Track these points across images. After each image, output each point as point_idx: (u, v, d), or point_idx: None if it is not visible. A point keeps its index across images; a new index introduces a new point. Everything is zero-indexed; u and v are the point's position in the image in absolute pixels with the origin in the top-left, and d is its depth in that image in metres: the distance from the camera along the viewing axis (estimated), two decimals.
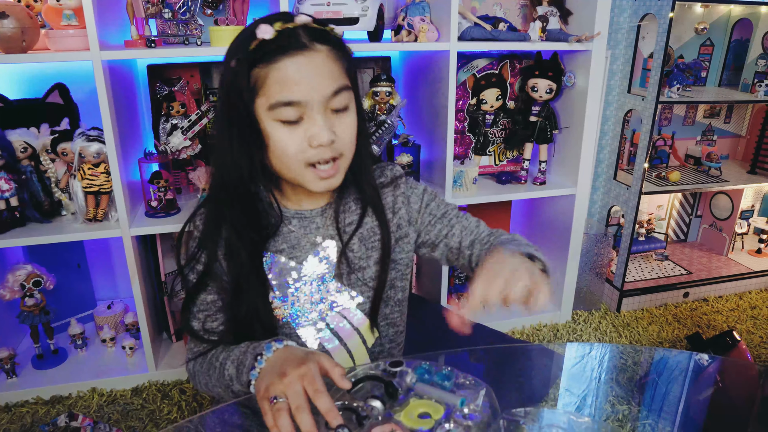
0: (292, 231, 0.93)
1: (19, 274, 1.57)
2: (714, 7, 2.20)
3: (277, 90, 0.78)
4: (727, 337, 1.67)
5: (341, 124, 0.83)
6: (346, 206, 0.95)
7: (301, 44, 0.78)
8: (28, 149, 1.53)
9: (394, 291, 1.01)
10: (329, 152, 0.82)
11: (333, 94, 0.80)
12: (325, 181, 0.84)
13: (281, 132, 0.81)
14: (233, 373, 0.82)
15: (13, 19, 1.31)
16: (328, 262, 0.94)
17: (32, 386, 1.62)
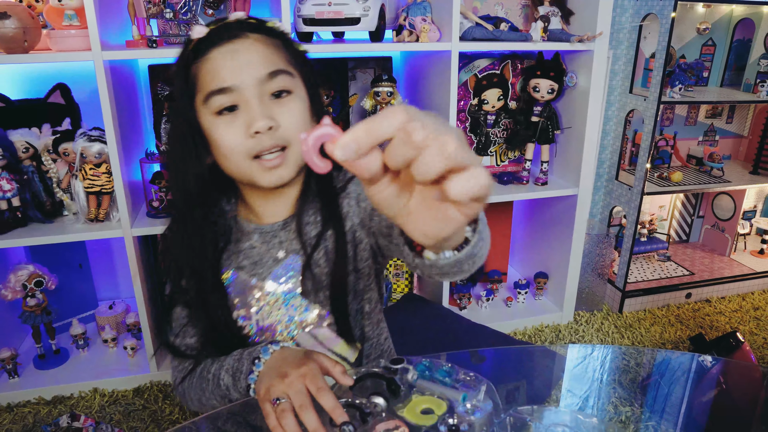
0: (254, 247, 0.88)
1: (21, 274, 1.57)
2: (716, 7, 2.20)
3: (209, 80, 0.76)
4: (730, 339, 1.66)
5: (283, 110, 0.78)
6: (310, 218, 0.87)
7: (231, 34, 0.77)
8: (30, 149, 1.53)
9: (363, 302, 0.93)
10: (270, 140, 0.77)
11: (267, 77, 0.77)
12: (273, 172, 0.79)
13: (220, 126, 0.77)
14: (229, 382, 0.80)
15: (15, 19, 1.31)
16: (293, 279, 0.88)
17: (34, 386, 1.62)
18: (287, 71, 0.79)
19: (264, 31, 0.80)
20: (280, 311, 0.88)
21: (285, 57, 0.80)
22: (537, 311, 2.05)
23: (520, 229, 2.25)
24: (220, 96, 0.76)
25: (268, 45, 0.79)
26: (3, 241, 1.47)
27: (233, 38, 0.77)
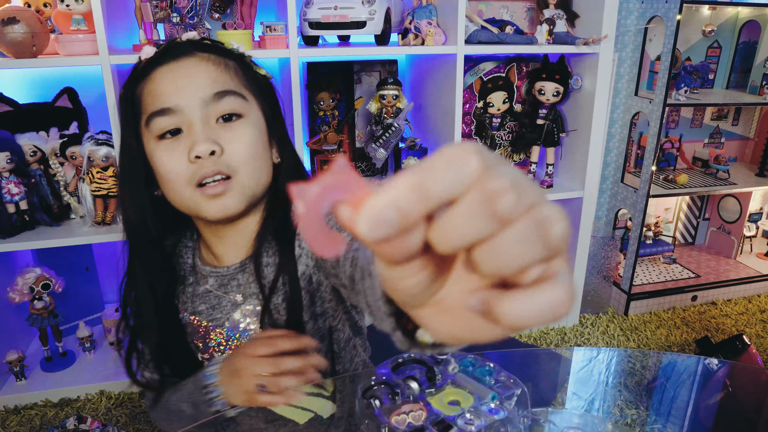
0: (210, 291, 0.82)
1: (28, 277, 1.58)
2: (721, 9, 2.19)
3: (150, 101, 0.71)
4: (736, 341, 1.66)
5: (229, 135, 0.71)
6: (270, 258, 0.79)
7: (177, 53, 0.72)
8: (38, 153, 1.54)
9: (336, 334, 0.86)
10: (212, 165, 0.70)
11: (214, 97, 0.71)
12: (216, 202, 0.72)
13: (162, 150, 0.71)
14: (193, 411, 0.78)
15: (24, 24, 1.32)
16: (252, 324, 0.81)
17: (41, 389, 1.62)
18: (238, 93, 0.73)
19: (216, 51, 0.75)
20: None
21: (238, 78, 0.75)
22: None
23: None
24: (162, 118, 0.70)
25: (218, 64, 0.73)
26: (11, 244, 1.48)
27: (179, 56, 0.72)
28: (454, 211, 0.22)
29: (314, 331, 0.82)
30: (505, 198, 0.22)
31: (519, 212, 0.22)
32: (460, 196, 0.22)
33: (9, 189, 1.48)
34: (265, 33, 1.49)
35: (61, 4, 1.40)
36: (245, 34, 1.48)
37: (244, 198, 0.74)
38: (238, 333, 0.82)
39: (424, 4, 1.66)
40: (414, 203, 0.22)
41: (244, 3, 1.55)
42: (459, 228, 0.22)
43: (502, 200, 0.22)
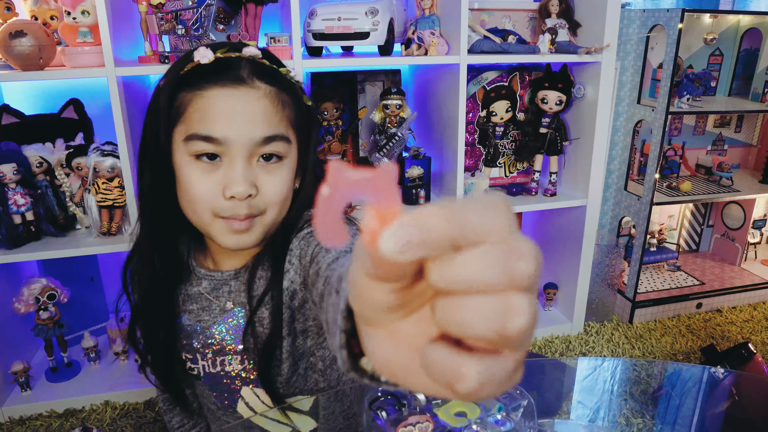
0: (201, 293, 0.82)
1: (33, 287, 1.59)
2: (723, 18, 2.20)
3: (198, 119, 0.68)
4: (742, 350, 1.65)
5: (268, 178, 0.71)
6: (263, 272, 0.78)
7: (237, 77, 0.69)
8: (44, 164, 1.55)
9: (314, 359, 0.84)
10: (244, 208, 0.70)
11: (262, 141, 0.69)
12: (237, 236, 0.72)
13: (194, 170, 0.69)
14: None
15: (31, 37, 1.33)
16: (236, 334, 0.80)
17: (46, 399, 1.63)
18: (286, 137, 0.72)
19: (276, 83, 0.72)
20: (224, 362, 0.82)
21: (288, 117, 0.73)
22: (547, 322, 2.04)
23: None
24: (205, 144, 0.68)
25: (274, 102, 0.70)
26: (17, 255, 1.48)
27: (239, 83, 0.69)
28: (474, 252, 0.22)
29: (292, 348, 0.80)
30: (527, 263, 0.22)
31: (532, 281, 0.22)
32: (486, 242, 0.22)
33: (15, 200, 1.49)
34: (269, 44, 1.50)
35: (67, 17, 1.41)
36: None
37: (263, 234, 0.74)
38: (217, 341, 0.81)
39: (427, 15, 1.67)
40: (444, 235, 0.22)
41: (248, 15, 1.56)
42: (471, 270, 0.22)
43: (524, 264, 0.22)
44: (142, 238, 0.79)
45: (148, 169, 0.74)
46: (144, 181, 0.75)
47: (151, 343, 0.83)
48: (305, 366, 0.83)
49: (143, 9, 1.47)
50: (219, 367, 0.82)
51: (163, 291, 0.81)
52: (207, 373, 0.84)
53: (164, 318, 0.82)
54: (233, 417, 0.86)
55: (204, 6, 1.48)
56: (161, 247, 0.79)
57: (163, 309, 0.81)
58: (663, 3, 2.49)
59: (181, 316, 0.83)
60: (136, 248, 0.82)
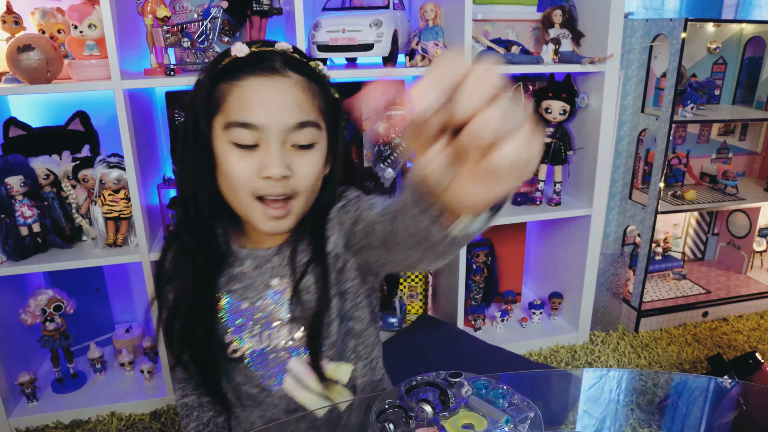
0: (245, 272, 0.87)
1: (40, 299, 1.60)
2: (726, 26, 2.21)
3: (236, 108, 0.74)
4: (749, 359, 1.64)
5: (301, 161, 0.77)
6: (303, 245, 0.85)
7: (271, 67, 0.75)
8: (50, 176, 1.56)
9: (353, 322, 0.91)
10: (280, 187, 0.76)
11: (296, 127, 0.75)
12: (274, 222, 0.79)
13: (233, 155, 0.76)
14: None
15: (39, 51, 1.34)
16: (283, 305, 0.86)
17: (52, 410, 1.63)
18: (316, 123, 0.78)
19: (307, 74, 0.77)
20: (271, 336, 0.87)
21: (318, 106, 0.78)
22: (552, 331, 2.04)
23: (534, 250, 2.25)
24: (244, 130, 0.74)
25: (305, 90, 0.77)
26: (23, 267, 1.49)
27: (273, 72, 0.75)
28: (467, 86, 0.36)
29: (337, 309, 0.86)
30: (490, 80, 0.36)
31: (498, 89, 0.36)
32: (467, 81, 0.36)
33: (22, 212, 1.50)
34: None
35: (74, 31, 1.43)
36: None
37: (298, 218, 0.81)
38: (264, 315, 0.86)
39: (431, 26, 1.68)
40: (445, 81, 0.36)
41: (253, 27, 1.57)
42: (471, 95, 0.35)
43: (489, 81, 0.36)
44: (178, 231, 0.86)
45: (190, 160, 0.80)
46: (184, 172, 0.81)
47: (192, 336, 0.87)
48: (345, 329, 0.89)
49: (149, 22, 1.49)
50: (266, 342, 0.87)
51: (204, 280, 0.85)
52: (253, 351, 0.88)
53: (206, 307, 0.86)
54: (276, 397, 0.89)
55: (209, 19, 1.49)
56: (201, 236, 0.84)
57: (205, 298, 0.86)
58: (666, 12, 2.49)
59: (226, 298, 0.87)
60: (171, 243, 0.88)
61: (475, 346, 1.78)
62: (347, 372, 0.91)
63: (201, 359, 0.89)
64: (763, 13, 2.57)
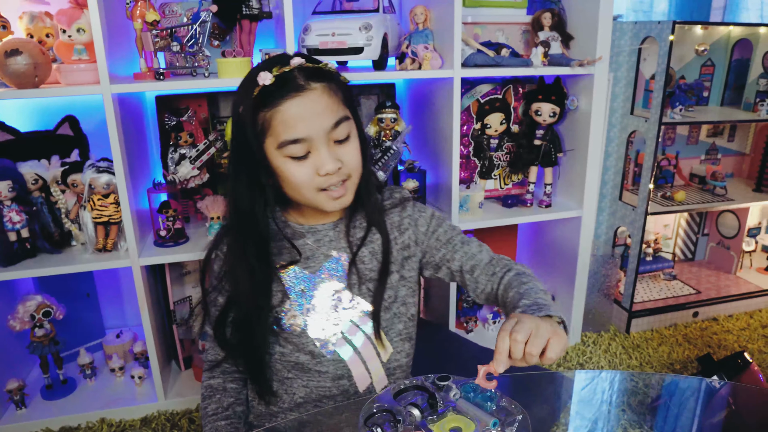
0: (307, 244, 1.00)
1: (29, 304, 1.58)
2: (714, 29, 2.22)
3: (282, 129, 0.87)
4: (738, 359, 1.66)
5: (345, 151, 0.91)
6: (356, 222, 1.03)
7: (298, 86, 0.87)
8: (39, 181, 1.55)
9: (405, 307, 1.05)
10: (336, 178, 0.91)
11: (333, 127, 0.89)
12: (337, 201, 0.93)
13: (292, 166, 0.90)
14: None
15: (27, 55, 1.34)
16: (340, 273, 1.00)
17: (41, 417, 1.61)
18: (346, 116, 0.91)
19: (324, 78, 0.90)
20: (329, 303, 0.99)
21: (341, 99, 0.91)
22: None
23: (525, 252, 2.25)
24: (295, 146, 0.88)
25: (329, 93, 0.89)
26: (12, 273, 1.48)
27: (300, 90, 0.87)
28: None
29: (396, 283, 1.03)
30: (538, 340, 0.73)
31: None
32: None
33: (11, 217, 1.48)
34: (263, 60, 1.51)
35: (63, 35, 1.42)
36: (244, 61, 1.50)
37: (353, 193, 0.96)
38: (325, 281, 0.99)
39: (421, 29, 1.68)
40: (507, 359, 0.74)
41: (243, 31, 1.57)
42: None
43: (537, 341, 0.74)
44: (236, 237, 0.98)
45: (246, 174, 0.93)
46: (242, 182, 0.94)
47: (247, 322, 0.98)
48: (395, 311, 1.03)
49: (138, 26, 1.48)
50: (324, 309, 0.99)
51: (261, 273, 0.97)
52: (311, 317, 0.99)
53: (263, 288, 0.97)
54: (327, 362, 1.00)
55: (199, 23, 1.49)
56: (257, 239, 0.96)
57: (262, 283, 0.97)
58: (654, 15, 2.51)
59: (292, 269, 0.99)
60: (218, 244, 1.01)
61: (468, 349, 1.77)
62: (389, 351, 1.04)
63: (251, 341, 0.99)
64: (750, 16, 2.60)
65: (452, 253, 1.04)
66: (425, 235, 1.05)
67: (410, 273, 1.06)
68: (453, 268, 1.04)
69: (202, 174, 1.67)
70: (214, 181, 1.77)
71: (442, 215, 1.10)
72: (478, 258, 1.03)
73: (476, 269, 1.02)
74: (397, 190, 1.09)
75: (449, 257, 1.04)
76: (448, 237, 1.05)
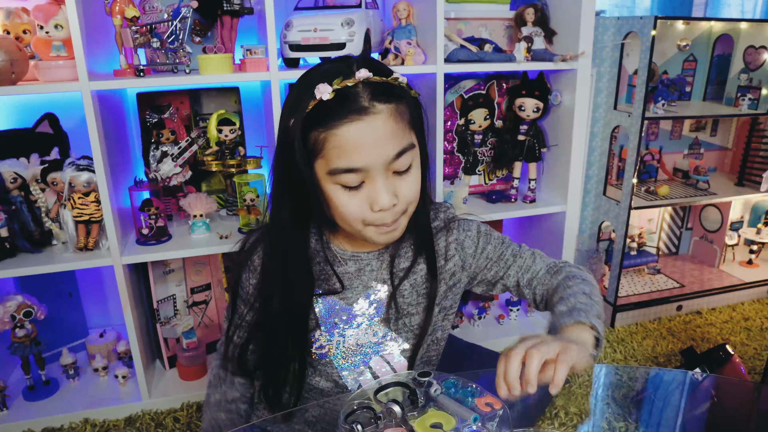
0: (347, 272, 0.92)
1: (9, 305, 1.56)
2: (695, 24, 2.24)
3: (336, 155, 0.76)
4: (720, 351, 1.67)
5: (403, 184, 0.81)
6: (402, 251, 0.93)
7: (360, 108, 0.75)
8: (18, 179, 1.53)
9: (441, 332, 0.99)
10: (390, 216, 0.80)
11: (395, 158, 0.78)
12: (387, 235, 0.84)
13: (342, 195, 0.79)
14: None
15: (2, 51, 1.32)
16: (378, 306, 0.93)
17: (23, 419, 1.59)
18: (412, 145, 0.80)
19: (393, 98, 0.78)
20: (362, 335, 0.93)
21: (408, 122, 0.80)
22: (529, 328, 2.05)
23: None
24: (348, 175, 0.77)
25: (396, 118, 0.77)
26: None
27: (362, 113, 0.75)
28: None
29: (438, 316, 0.95)
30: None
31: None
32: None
33: None
34: (245, 56, 1.50)
35: (40, 31, 1.40)
36: (226, 57, 1.49)
37: (406, 226, 0.86)
38: (360, 314, 0.92)
39: (404, 25, 1.68)
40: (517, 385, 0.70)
41: (224, 27, 1.56)
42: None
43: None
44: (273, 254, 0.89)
45: (289, 196, 0.84)
46: (284, 205, 0.85)
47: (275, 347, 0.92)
48: (428, 341, 0.96)
49: (118, 22, 1.46)
50: (355, 340, 0.93)
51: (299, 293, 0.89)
52: (339, 349, 0.93)
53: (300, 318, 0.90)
54: (346, 395, 0.91)
55: (179, 18, 1.47)
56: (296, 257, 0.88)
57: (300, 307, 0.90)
58: (637, 11, 2.53)
59: (326, 298, 0.91)
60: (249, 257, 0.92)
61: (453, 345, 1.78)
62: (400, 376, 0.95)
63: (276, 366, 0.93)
64: (731, 11, 2.63)
65: (506, 269, 0.97)
66: (473, 257, 0.96)
67: (451, 302, 0.98)
68: (509, 284, 0.98)
69: (184, 171, 1.66)
70: (197, 178, 1.76)
71: (488, 228, 1.01)
72: (534, 270, 0.97)
73: (534, 281, 0.96)
74: (442, 209, 0.99)
75: (503, 274, 0.98)
76: (499, 253, 0.98)
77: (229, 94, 1.80)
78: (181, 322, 1.76)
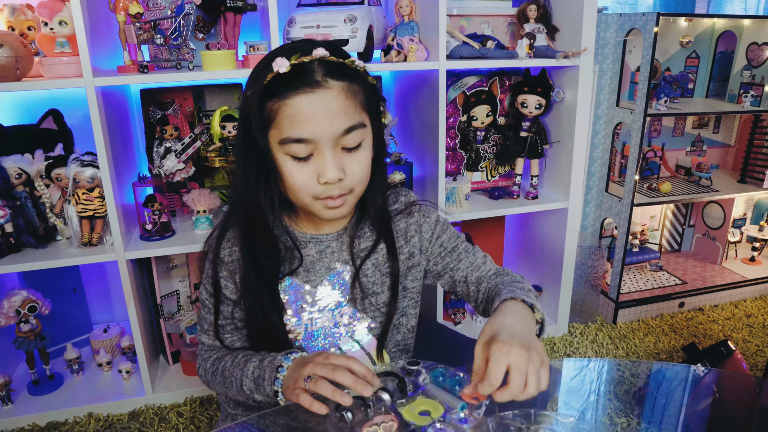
0: (308, 255, 0.94)
1: (14, 300, 1.57)
2: (698, 21, 2.24)
3: (288, 125, 0.79)
4: (722, 347, 1.67)
5: (352, 161, 0.83)
6: (361, 232, 0.96)
7: (313, 81, 0.79)
8: (23, 175, 1.54)
9: (406, 318, 1.02)
10: (337, 189, 0.83)
11: (344, 133, 0.81)
12: (333, 210, 0.86)
13: (291, 166, 0.82)
14: (252, 387, 0.86)
15: (7, 48, 1.32)
16: (342, 287, 0.95)
17: (28, 413, 1.61)
18: (362, 123, 0.83)
19: (347, 77, 0.81)
20: (328, 318, 0.95)
21: (361, 102, 0.83)
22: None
23: (513, 243, 2.27)
24: (298, 145, 0.80)
25: (348, 95, 0.81)
26: None
27: (314, 86, 0.78)
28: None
29: (401, 294, 0.98)
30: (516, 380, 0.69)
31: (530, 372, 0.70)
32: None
33: None
34: (248, 53, 1.51)
35: (45, 28, 1.41)
36: (229, 53, 1.49)
37: (353, 205, 0.90)
38: (325, 296, 0.94)
39: (406, 21, 1.68)
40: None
41: (227, 23, 1.56)
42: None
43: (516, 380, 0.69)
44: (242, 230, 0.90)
45: (251, 164, 0.85)
46: (247, 173, 0.86)
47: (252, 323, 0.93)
48: (395, 322, 1.00)
49: (121, 19, 1.47)
50: (321, 322, 0.95)
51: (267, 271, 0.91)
52: (309, 332, 0.95)
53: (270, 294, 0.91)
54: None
55: (182, 15, 1.48)
56: (263, 232, 0.89)
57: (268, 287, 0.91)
58: (640, 7, 2.52)
59: (288, 281, 0.93)
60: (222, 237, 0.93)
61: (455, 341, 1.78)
62: (386, 364, 0.98)
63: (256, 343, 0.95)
64: (734, 8, 2.62)
65: (456, 262, 1.00)
66: (429, 242, 1.00)
67: (413, 283, 1.01)
68: (457, 277, 1.00)
69: (187, 167, 1.67)
70: (200, 174, 1.76)
71: (446, 220, 1.04)
72: (483, 270, 0.99)
73: (482, 279, 0.98)
74: (402, 194, 1.02)
75: (453, 266, 1.00)
76: (453, 246, 1.01)
77: (232, 91, 1.81)
78: (185, 318, 1.77)
